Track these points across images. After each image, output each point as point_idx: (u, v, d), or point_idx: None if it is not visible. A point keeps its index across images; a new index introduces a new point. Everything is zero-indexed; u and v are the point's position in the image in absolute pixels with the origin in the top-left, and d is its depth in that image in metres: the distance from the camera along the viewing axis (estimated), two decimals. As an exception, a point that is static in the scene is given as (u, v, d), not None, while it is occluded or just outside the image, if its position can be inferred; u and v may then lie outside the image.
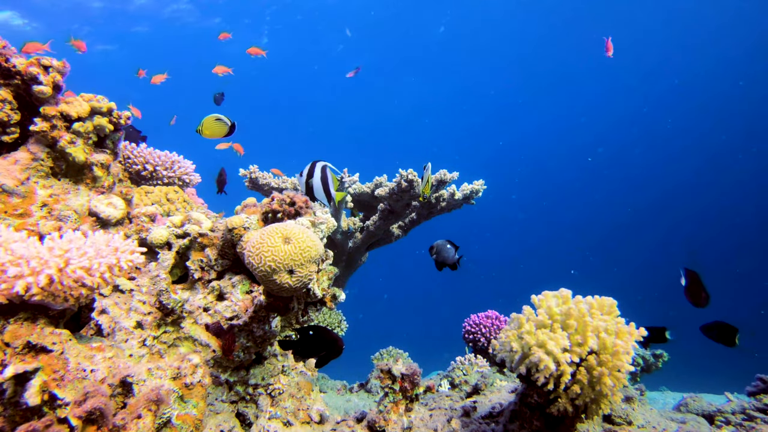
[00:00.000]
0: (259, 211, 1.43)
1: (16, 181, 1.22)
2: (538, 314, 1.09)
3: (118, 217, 1.37)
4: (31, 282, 0.80)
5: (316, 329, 1.26)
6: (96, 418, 0.80)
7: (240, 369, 1.35)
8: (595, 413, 1.04)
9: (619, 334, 1.03)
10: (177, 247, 1.35)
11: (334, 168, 1.59)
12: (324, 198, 1.55)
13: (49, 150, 1.29)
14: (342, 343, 1.23)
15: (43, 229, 1.20)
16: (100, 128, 1.36)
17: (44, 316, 0.87)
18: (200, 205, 1.90)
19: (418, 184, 2.41)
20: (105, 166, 1.41)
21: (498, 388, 1.58)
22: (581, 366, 1.02)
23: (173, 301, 1.28)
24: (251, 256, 1.13)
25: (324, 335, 1.25)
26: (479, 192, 2.55)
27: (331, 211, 2.22)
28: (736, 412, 1.49)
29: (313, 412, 1.33)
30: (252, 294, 1.32)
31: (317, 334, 1.25)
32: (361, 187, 2.66)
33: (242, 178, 2.69)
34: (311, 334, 1.24)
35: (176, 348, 1.26)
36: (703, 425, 1.43)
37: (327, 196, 1.55)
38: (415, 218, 2.65)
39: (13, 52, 1.28)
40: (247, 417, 1.31)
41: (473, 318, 2.27)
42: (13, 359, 0.80)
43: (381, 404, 1.23)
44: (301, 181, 1.57)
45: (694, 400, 1.70)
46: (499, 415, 1.31)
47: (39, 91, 1.27)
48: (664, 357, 3.01)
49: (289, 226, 1.17)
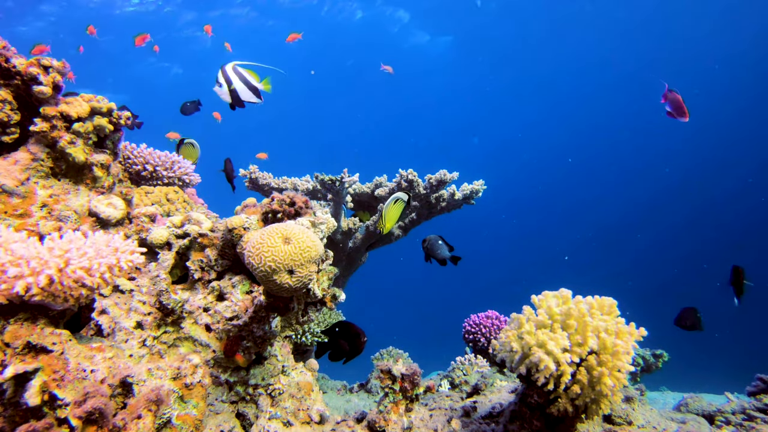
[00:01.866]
0: (258, 212, 1.43)
1: (16, 182, 1.22)
2: (538, 314, 1.09)
3: (118, 218, 1.37)
4: (31, 282, 0.80)
5: (342, 325, 1.28)
6: (96, 418, 0.80)
7: (240, 369, 1.35)
8: (595, 413, 1.05)
9: (619, 334, 1.03)
10: (177, 248, 1.35)
11: (246, 63, 1.53)
12: (253, 97, 1.51)
13: (49, 150, 1.29)
14: (364, 337, 1.25)
15: (43, 230, 1.20)
16: (100, 128, 1.36)
17: (44, 316, 0.87)
18: (200, 206, 1.90)
19: (419, 184, 2.41)
20: (105, 166, 1.41)
21: (498, 389, 1.58)
22: (581, 366, 1.02)
23: (173, 302, 1.28)
24: (251, 257, 1.13)
25: (350, 330, 1.27)
26: (479, 192, 2.55)
27: (330, 211, 2.22)
28: (737, 412, 1.49)
29: (313, 413, 1.33)
30: (252, 294, 1.32)
31: (343, 330, 1.27)
32: (361, 187, 2.66)
33: (242, 178, 2.70)
34: (337, 330, 1.26)
35: (176, 348, 1.26)
36: (704, 425, 1.43)
37: (255, 94, 1.51)
38: (415, 218, 2.65)
39: (13, 52, 1.28)
40: (247, 417, 1.31)
41: (473, 318, 2.27)
42: (13, 359, 0.80)
43: (381, 404, 1.23)
44: (222, 91, 1.51)
45: (694, 400, 1.70)
46: (500, 416, 1.31)
47: (39, 92, 1.27)
48: (664, 357, 3.01)
49: (289, 226, 1.17)
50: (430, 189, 2.35)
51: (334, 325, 1.27)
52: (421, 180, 2.37)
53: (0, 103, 1.24)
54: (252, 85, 1.53)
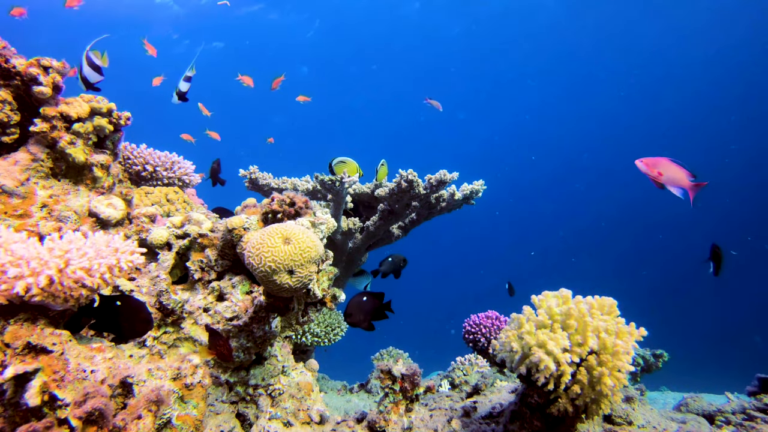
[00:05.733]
0: (258, 212, 1.43)
1: (16, 182, 1.22)
2: (538, 314, 1.09)
3: (118, 218, 1.37)
4: (31, 283, 0.80)
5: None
6: (96, 418, 0.80)
7: (240, 369, 1.35)
8: (595, 413, 1.05)
9: (619, 334, 1.03)
10: (177, 248, 1.35)
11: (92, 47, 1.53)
12: (95, 76, 1.51)
13: (49, 151, 1.29)
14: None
15: (43, 230, 1.20)
16: (100, 129, 1.37)
17: (44, 316, 0.87)
18: (200, 206, 1.90)
19: (418, 184, 2.41)
20: (105, 166, 1.41)
21: (498, 389, 1.58)
22: (581, 366, 1.02)
23: (173, 302, 1.28)
24: (251, 257, 1.13)
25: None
26: (479, 192, 2.55)
27: (331, 212, 2.22)
28: (737, 412, 1.49)
29: (313, 413, 1.33)
30: (252, 294, 1.32)
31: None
32: (361, 188, 2.66)
33: (242, 178, 2.69)
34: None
35: (176, 349, 1.26)
36: (704, 425, 1.43)
37: (97, 71, 1.52)
38: (415, 218, 2.65)
39: (13, 52, 1.28)
40: (248, 417, 1.31)
41: (473, 318, 2.27)
42: (14, 360, 0.80)
43: (381, 404, 1.23)
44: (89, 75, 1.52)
45: (695, 400, 1.70)
46: (500, 416, 1.31)
47: (39, 92, 1.27)
48: (664, 357, 3.01)
49: (289, 226, 1.17)
50: (430, 189, 2.35)
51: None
52: (421, 180, 2.37)
53: (0, 104, 1.24)
54: (95, 63, 1.54)
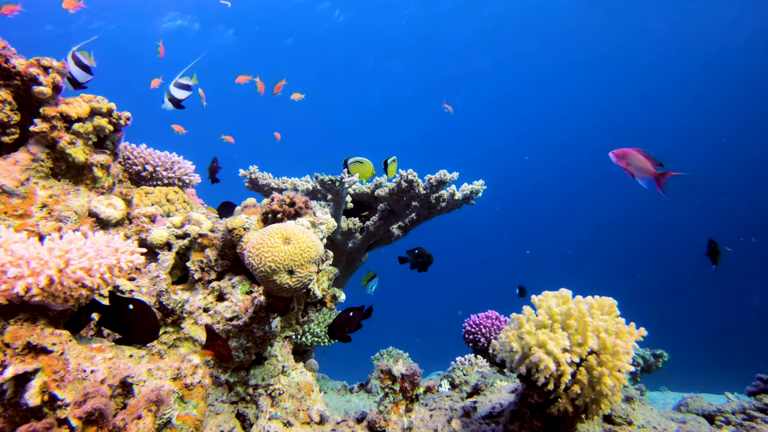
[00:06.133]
0: (258, 212, 1.43)
1: (16, 182, 1.22)
2: (538, 314, 1.09)
3: (118, 218, 1.37)
4: (31, 283, 0.80)
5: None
6: (96, 418, 0.80)
7: (240, 369, 1.35)
8: (595, 413, 1.04)
9: (619, 334, 1.03)
10: (177, 248, 1.35)
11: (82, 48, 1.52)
12: (84, 75, 1.50)
13: (49, 151, 1.29)
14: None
15: (43, 230, 1.20)
16: (99, 129, 1.36)
17: (44, 316, 0.87)
18: (200, 206, 1.90)
19: (418, 184, 2.40)
20: (105, 166, 1.41)
21: (498, 389, 1.58)
22: (581, 366, 1.02)
23: (173, 302, 1.28)
24: (251, 257, 1.13)
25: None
26: (479, 192, 2.55)
27: (330, 212, 2.22)
28: (737, 412, 1.49)
29: (313, 413, 1.33)
30: (252, 294, 1.32)
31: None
32: (361, 188, 2.66)
33: (242, 178, 2.69)
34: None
35: (176, 348, 1.26)
36: (704, 425, 1.43)
37: (86, 70, 1.50)
38: (415, 218, 2.65)
39: (13, 52, 1.28)
40: (248, 417, 1.31)
41: (473, 318, 2.27)
42: (13, 360, 0.80)
43: (381, 404, 1.23)
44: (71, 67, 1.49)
45: (694, 400, 1.70)
46: (500, 416, 1.31)
47: (39, 92, 1.27)
48: (664, 357, 3.00)
49: (289, 226, 1.17)
50: (430, 189, 2.35)
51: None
52: (421, 180, 2.37)
53: (0, 104, 1.24)
54: (83, 63, 1.52)
